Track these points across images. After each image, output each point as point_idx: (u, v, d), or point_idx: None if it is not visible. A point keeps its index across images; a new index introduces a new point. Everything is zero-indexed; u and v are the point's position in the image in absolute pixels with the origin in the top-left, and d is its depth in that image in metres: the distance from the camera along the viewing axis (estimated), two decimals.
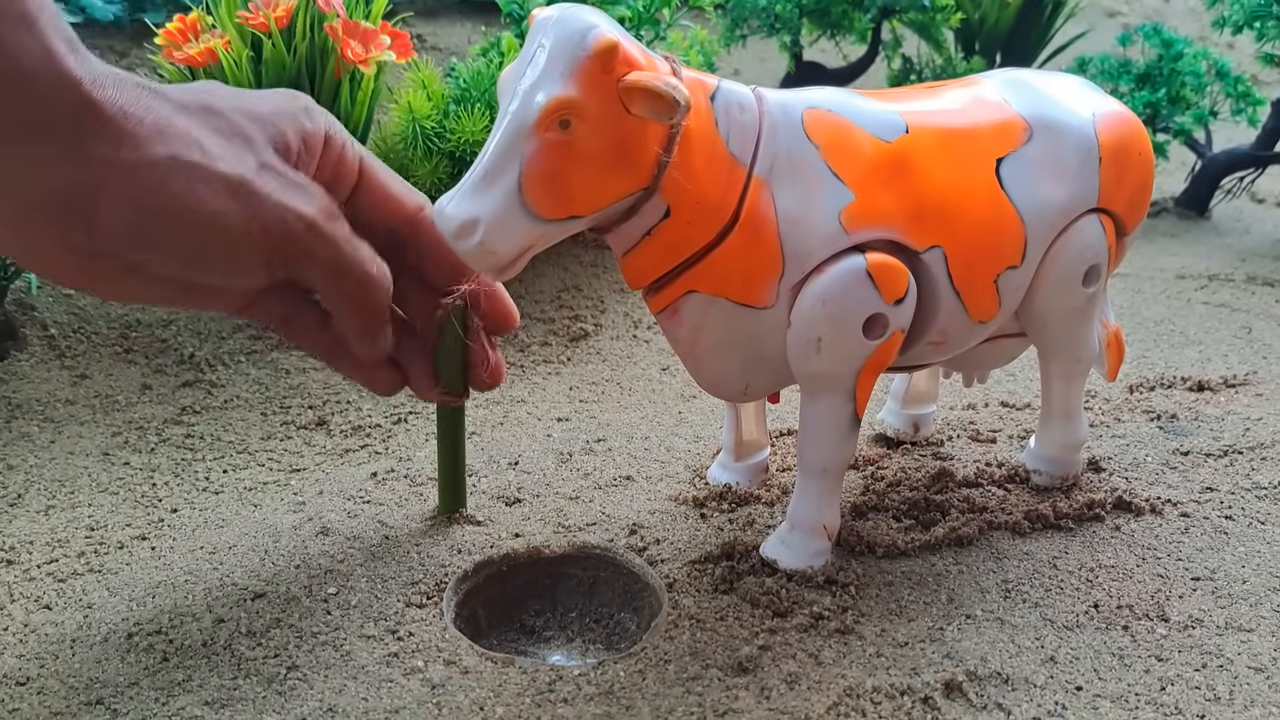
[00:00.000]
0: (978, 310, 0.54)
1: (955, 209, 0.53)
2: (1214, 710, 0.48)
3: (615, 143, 0.45)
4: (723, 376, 0.54)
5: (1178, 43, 1.46)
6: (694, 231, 0.49)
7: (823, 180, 0.50)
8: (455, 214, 0.45)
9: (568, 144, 0.44)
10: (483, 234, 0.44)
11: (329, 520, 0.63)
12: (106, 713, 0.48)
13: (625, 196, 0.47)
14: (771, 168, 0.49)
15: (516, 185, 0.44)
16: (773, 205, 0.49)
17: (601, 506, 0.65)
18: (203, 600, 0.56)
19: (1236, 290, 1.14)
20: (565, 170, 0.45)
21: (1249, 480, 0.68)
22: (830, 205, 0.50)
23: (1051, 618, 0.54)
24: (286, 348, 0.93)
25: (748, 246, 0.49)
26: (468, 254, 0.45)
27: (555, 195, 0.45)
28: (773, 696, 0.48)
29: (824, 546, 0.56)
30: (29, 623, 0.56)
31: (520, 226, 0.45)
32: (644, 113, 0.45)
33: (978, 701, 0.48)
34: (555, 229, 0.46)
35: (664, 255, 0.49)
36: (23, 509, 0.69)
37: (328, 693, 0.49)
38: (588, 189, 0.46)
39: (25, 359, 0.87)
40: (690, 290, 0.50)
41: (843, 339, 0.50)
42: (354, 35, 0.87)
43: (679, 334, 0.52)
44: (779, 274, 0.50)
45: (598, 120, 0.44)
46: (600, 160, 0.45)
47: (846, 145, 0.51)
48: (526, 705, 0.48)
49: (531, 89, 0.44)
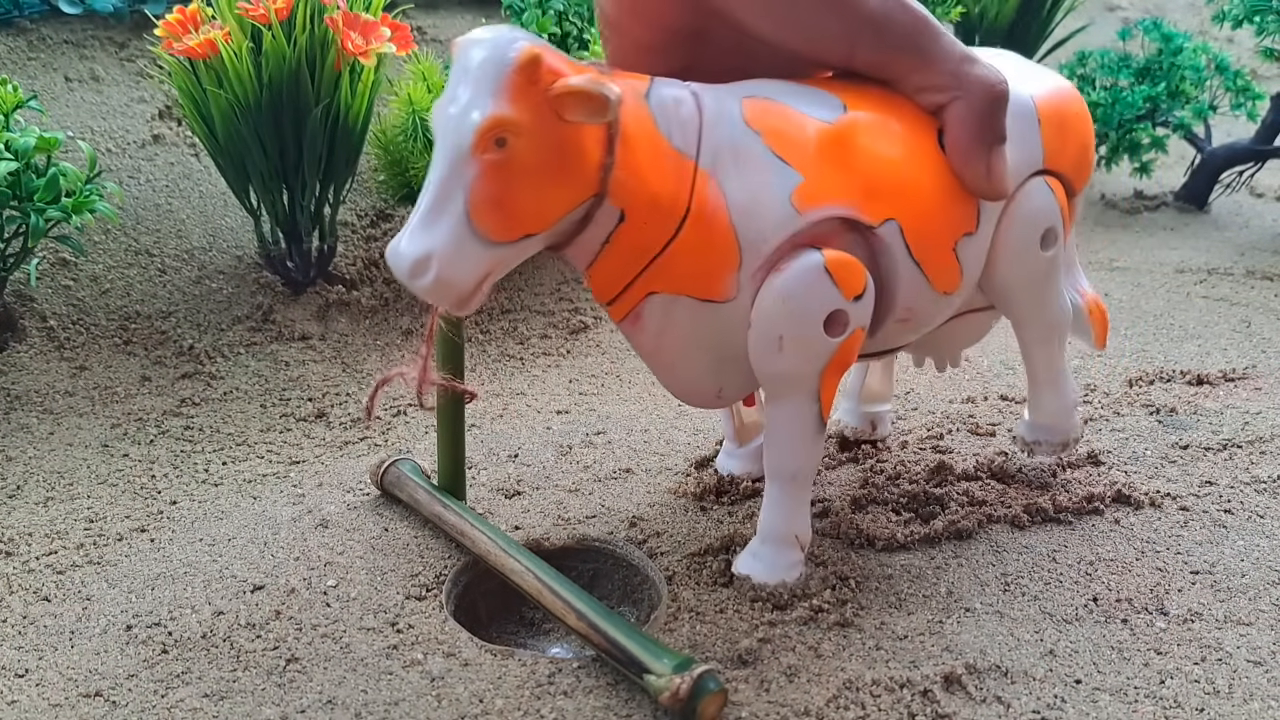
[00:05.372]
0: (940, 280, 0.54)
1: (905, 180, 0.52)
2: (1213, 703, 0.48)
3: (555, 153, 0.45)
4: (693, 380, 0.53)
5: (1177, 37, 1.46)
6: (651, 232, 0.48)
7: (768, 165, 0.49)
8: (407, 252, 0.44)
9: (507, 162, 0.44)
10: (437, 268, 0.43)
11: (328, 512, 0.63)
12: (105, 704, 0.48)
13: (575, 206, 0.46)
14: (715, 159, 0.49)
15: (464, 213, 0.43)
16: (722, 195, 0.48)
17: (601, 499, 0.65)
18: (202, 592, 0.56)
19: (1236, 284, 1.14)
20: (510, 189, 0.44)
21: (1248, 474, 0.68)
22: (779, 188, 0.49)
23: (1051, 611, 0.54)
24: (286, 340, 0.92)
25: (702, 240, 0.48)
26: (425, 291, 0.44)
27: (505, 216, 0.44)
28: (772, 689, 0.48)
29: (797, 558, 0.56)
30: (28, 614, 0.56)
31: (474, 254, 0.44)
32: (577, 116, 0.44)
33: (977, 695, 0.48)
34: (511, 251, 0.45)
35: (627, 261, 0.49)
36: (21, 500, 0.69)
37: (327, 685, 0.49)
38: (536, 204, 0.45)
39: (24, 350, 0.87)
40: (650, 292, 0.49)
41: (805, 337, 0.50)
42: (354, 27, 0.87)
43: (644, 340, 0.51)
44: (737, 264, 0.49)
45: (533, 133, 0.44)
46: (543, 173, 0.45)
47: (788, 129, 0.50)
48: (526, 697, 0.48)
49: (463, 113, 0.44)
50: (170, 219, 1.04)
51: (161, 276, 0.98)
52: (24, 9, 1.18)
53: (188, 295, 0.96)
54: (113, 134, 1.11)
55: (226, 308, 0.96)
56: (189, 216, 1.05)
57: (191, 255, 1.01)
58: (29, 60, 1.16)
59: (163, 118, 1.16)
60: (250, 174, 0.92)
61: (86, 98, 1.15)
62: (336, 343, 0.93)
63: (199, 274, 0.99)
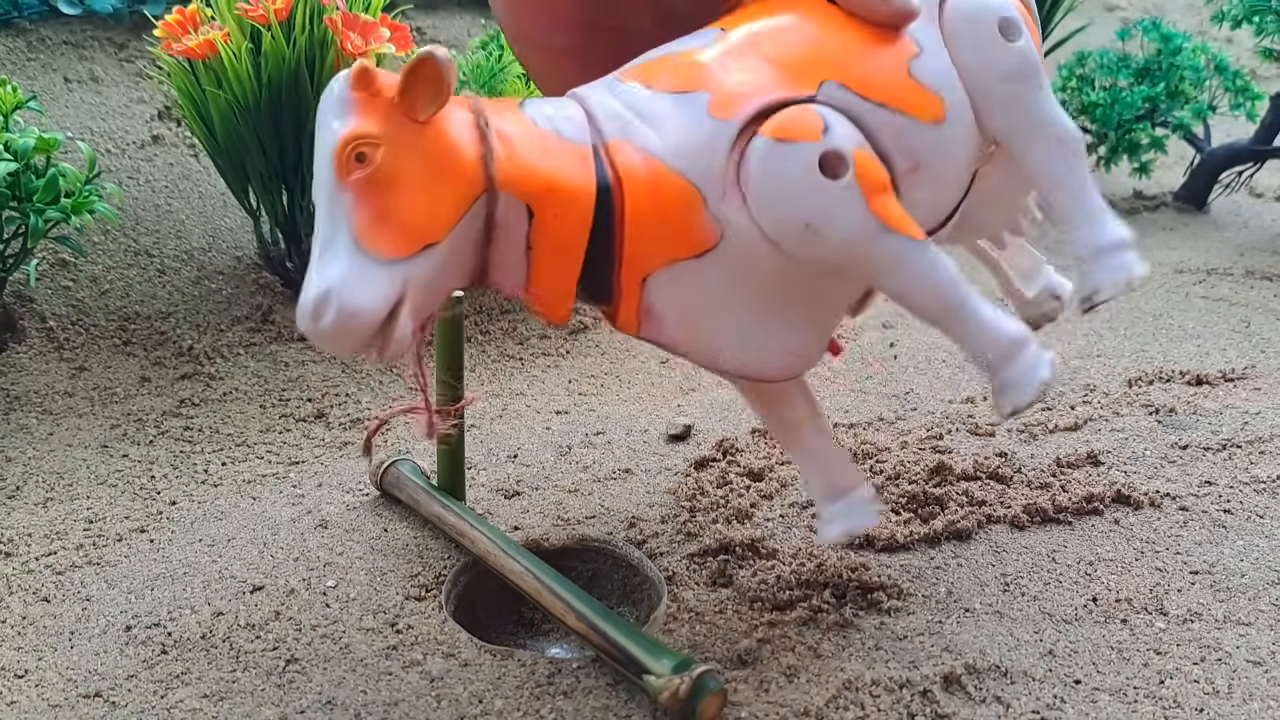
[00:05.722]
0: (913, 108, 0.50)
1: (814, 47, 0.49)
2: (1212, 703, 0.48)
3: (423, 153, 0.43)
4: (757, 347, 0.49)
5: (1176, 37, 1.46)
6: (569, 221, 0.45)
7: (671, 102, 0.47)
8: (304, 299, 0.41)
9: (376, 175, 0.42)
10: (336, 301, 0.41)
11: (328, 513, 0.63)
12: (105, 705, 0.48)
13: (468, 204, 0.44)
14: (623, 129, 0.47)
15: (351, 240, 0.41)
16: (649, 151, 0.46)
17: (600, 499, 0.65)
18: (201, 593, 0.56)
19: (1235, 284, 1.14)
20: (389, 200, 0.42)
21: (1247, 474, 0.68)
22: (693, 111, 0.47)
23: (1050, 611, 0.54)
24: (285, 340, 0.92)
25: (653, 198, 0.46)
26: (331, 331, 0.41)
27: (393, 229, 0.42)
28: (771, 689, 0.48)
29: (1037, 352, 0.47)
30: (27, 615, 0.56)
31: (374, 276, 0.41)
32: (425, 102, 0.42)
33: (976, 695, 0.48)
34: (416, 268, 0.42)
35: (558, 262, 0.46)
36: (21, 501, 0.69)
37: (326, 685, 0.49)
38: (422, 209, 0.43)
39: (24, 351, 0.87)
40: (644, 278, 0.47)
41: (820, 203, 0.46)
42: (353, 28, 0.87)
43: (673, 332, 0.48)
44: (700, 201, 0.46)
45: (392, 139, 0.43)
46: (418, 176, 0.43)
47: (673, 67, 0.48)
48: (525, 698, 0.48)
49: (321, 148, 0.43)
50: (169, 220, 1.04)
51: (161, 277, 0.98)
52: (23, 10, 1.18)
53: (187, 296, 0.96)
54: (112, 135, 1.11)
55: (226, 308, 0.96)
56: (188, 217, 1.05)
57: (191, 256, 1.01)
58: (28, 61, 1.16)
59: (162, 118, 1.16)
60: (249, 174, 0.92)
61: (86, 98, 1.15)
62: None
63: (198, 274, 0.99)
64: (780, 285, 0.48)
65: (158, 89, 1.16)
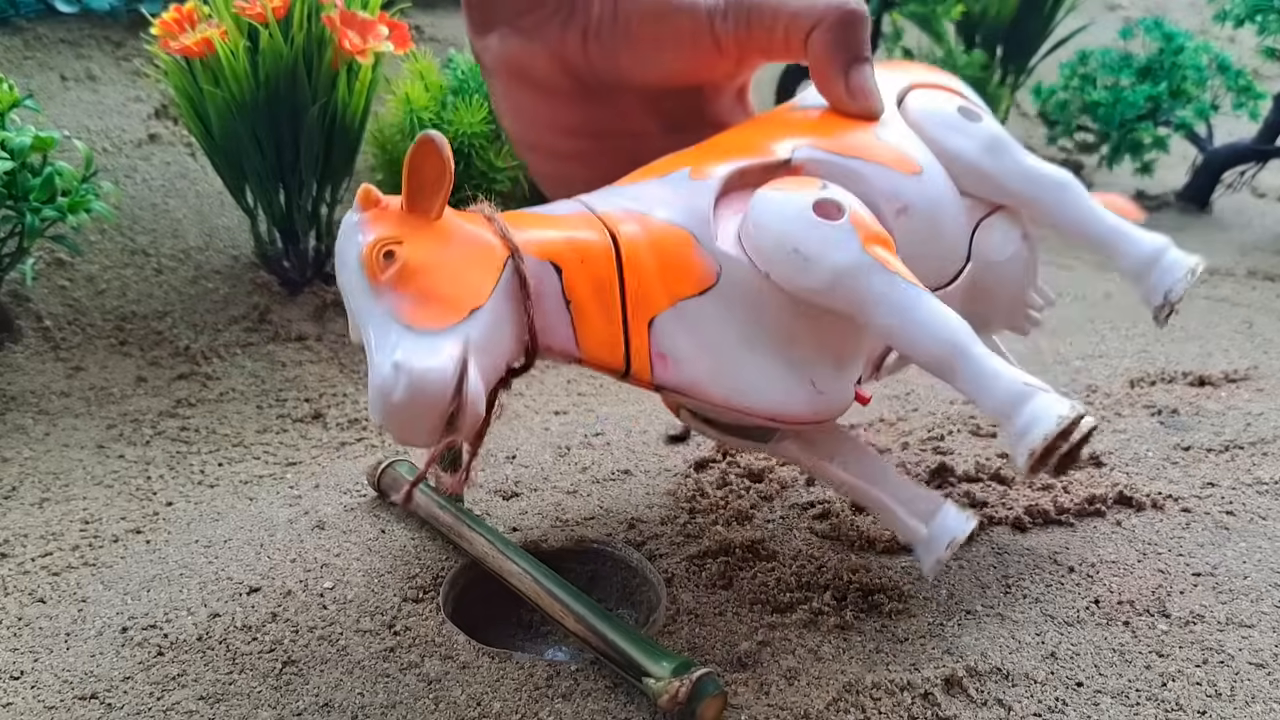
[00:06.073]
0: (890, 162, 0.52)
1: (788, 123, 0.52)
2: (1215, 706, 0.48)
3: (442, 241, 0.45)
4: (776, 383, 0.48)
5: (1179, 36, 1.46)
6: (597, 263, 0.47)
7: (653, 184, 0.50)
8: (375, 381, 0.42)
9: (406, 267, 0.43)
10: (406, 369, 0.41)
11: (325, 514, 0.63)
12: (100, 707, 0.48)
13: (498, 270, 0.45)
14: (611, 205, 0.49)
15: (403, 326, 0.42)
16: (634, 211, 0.49)
17: (600, 501, 0.65)
18: (198, 594, 0.56)
19: (1238, 285, 1.14)
20: (427, 284, 0.43)
21: (1250, 475, 0.67)
22: (674, 183, 0.49)
23: (1052, 613, 0.54)
24: (283, 340, 0.92)
25: (648, 240, 0.47)
26: (406, 402, 0.41)
27: (438, 305, 0.43)
28: (772, 692, 0.48)
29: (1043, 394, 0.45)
30: (23, 616, 0.55)
31: (434, 342, 0.42)
32: (431, 190, 0.44)
33: (978, 697, 0.48)
34: (470, 328, 0.43)
35: (598, 302, 0.47)
36: (17, 502, 0.68)
37: (324, 688, 0.48)
38: (459, 283, 0.44)
39: (20, 351, 0.86)
40: (650, 319, 0.47)
41: (809, 229, 0.47)
42: (351, 26, 0.86)
43: (689, 371, 0.48)
44: (692, 240, 0.47)
45: (410, 236, 0.44)
46: (444, 259, 0.44)
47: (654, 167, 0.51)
48: (524, 700, 0.47)
49: (349, 267, 0.44)
50: (166, 218, 1.03)
51: (158, 276, 0.97)
52: (20, 7, 1.17)
53: (184, 295, 0.96)
54: (109, 133, 1.11)
55: (223, 308, 0.95)
56: (185, 216, 1.04)
57: (188, 255, 1.00)
58: (25, 59, 1.15)
59: (159, 117, 1.15)
60: (247, 173, 0.91)
61: (82, 96, 1.14)
62: (333, 343, 0.93)
63: (195, 274, 0.99)
64: (790, 320, 0.48)
65: (154, 87, 1.16)
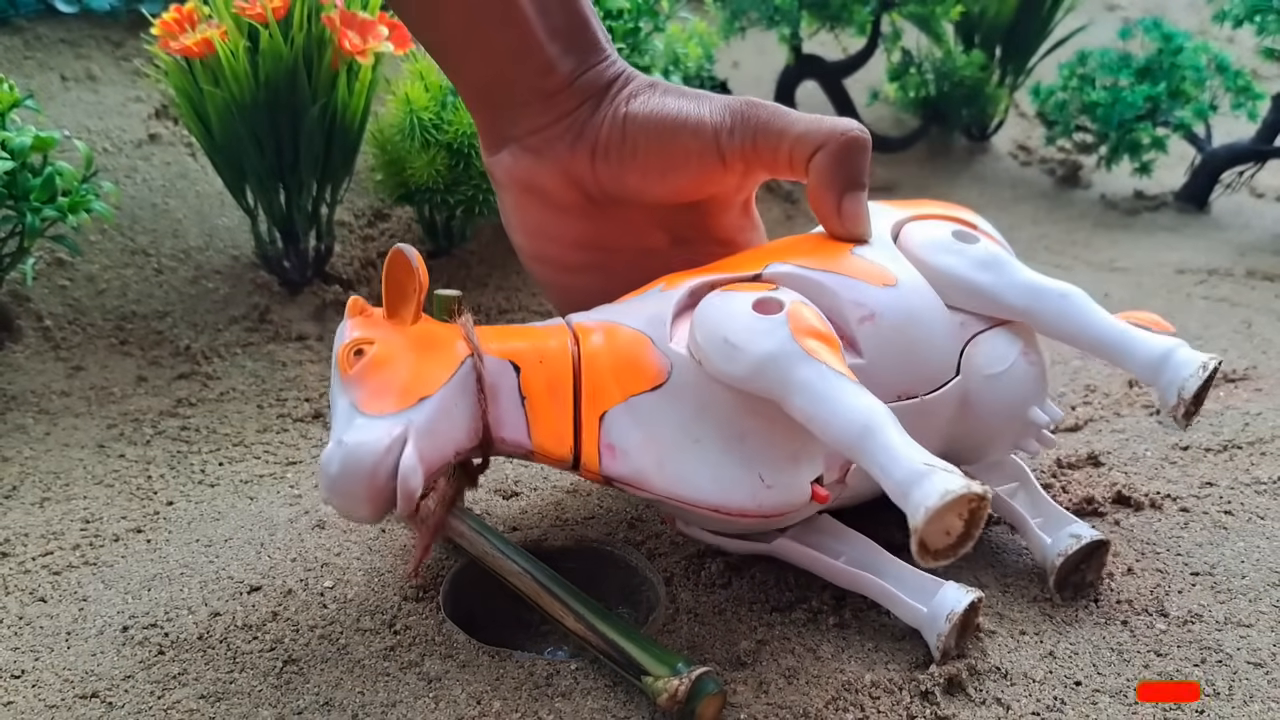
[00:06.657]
0: (860, 275, 0.53)
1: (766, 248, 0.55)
2: (1213, 705, 0.48)
3: (411, 341, 0.49)
4: (722, 477, 0.49)
5: (1178, 36, 1.46)
6: (553, 367, 0.50)
7: (629, 300, 0.54)
8: (322, 455, 0.46)
9: (371, 361, 0.48)
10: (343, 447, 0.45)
11: (325, 513, 0.63)
12: (101, 706, 0.48)
13: (454, 366, 0.49)
14: (584, 317, 0.53)
15: (356, 411, 0.47)
16: (601, 319, 0.53)
17: (599, 500, 0.65)
18: (198, 593, 0.56)
19: (1236, 285, 1.14)
20: (384, 376, 0.48)
21: (1248, 475, 0.68)
22: (645, 296, 0.53)
23: (1050, 613, 0.54)
24: (283, 340, 0.92)
25: (606, 340, 0.51)
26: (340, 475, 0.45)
27: (390, 393, 0.47)
28: (770, 691, 0.48)
29: (944, 475, 0.43)
30: (24, 615, 0.55)
31: (375, 424, 0.46)
32: (404, 296, 0.49)
33: (976, 696, 0.48)
34: (414, 414, 0.47)
35: (553, 402, 0.50)
36: (17, 501, 0.69)
37: (324, 686, 0.49)
38: (414, 375, 0.48)
39: (20, 350, 0.86)
40: (601, 413, 0.49)
41: (742, 322, 0.48)
42: (351, 26, 0.86)
43: (635, 461, 0.49)
44: (648, 342, 0.50)
45: (383, 338, 0.49)
46: (407, 355, 0.49)
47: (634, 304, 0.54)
48: (524, 699, 0.47)
49: (332, 368, 0.50)
50: (166, 218, 1.03)
51: (158, 276, 0.97)
52: (20, 7, 1.17)
53: (184, 295, 0.96)
54: (109, 133, 1.11)
55: (223, 308, 0.95)
56: (185, 216, 1.05)
57: (188, 255, 1.00)
58: (25, 59, 1.15)
59: (159, 117, 1.16)
60: (247, 173, 0.91)
61: (82, 97, 1.14)
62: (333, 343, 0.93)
63: (195, 274, 0.99)
64: (740, 416, 0.49)
65: (154, 87, 1.16)
